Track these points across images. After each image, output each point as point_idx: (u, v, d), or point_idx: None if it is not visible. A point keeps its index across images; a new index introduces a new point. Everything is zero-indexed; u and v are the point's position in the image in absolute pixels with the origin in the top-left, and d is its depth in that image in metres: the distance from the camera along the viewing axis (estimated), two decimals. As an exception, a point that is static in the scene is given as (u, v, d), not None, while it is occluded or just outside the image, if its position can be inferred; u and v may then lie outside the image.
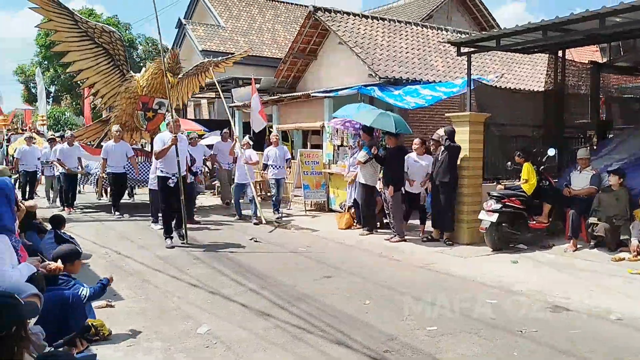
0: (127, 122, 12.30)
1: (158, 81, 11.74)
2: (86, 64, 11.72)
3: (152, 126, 12.52)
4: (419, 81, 12.61)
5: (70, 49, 11.46)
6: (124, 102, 12.09)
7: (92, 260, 7.22)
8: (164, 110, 12.37)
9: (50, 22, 11.06)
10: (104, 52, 11.79)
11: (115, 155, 11.37)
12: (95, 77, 11.95)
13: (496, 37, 8.59)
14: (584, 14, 6.96)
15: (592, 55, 15.40)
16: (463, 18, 22.71)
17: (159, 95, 12.07)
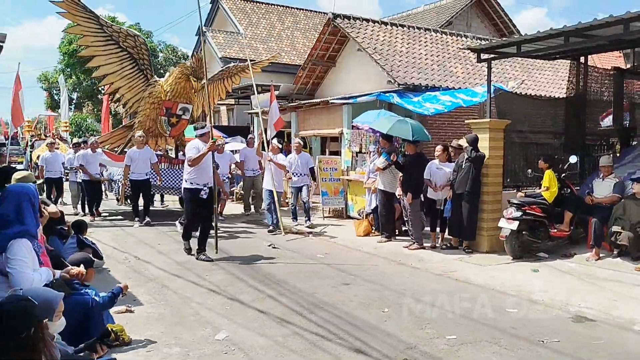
0: (150, 127, 12.07)
1: (182, 86, 11.65)
2: (111, 68, 11.55)
3: (176, 132, 12.36)
4: (438, 88, 12.55)
5: (96, 54, 11.33)
6: (148, 108, 11.88)
7: (112, 266, 7.28)
8: (187, 116, 12.21)
9: (77, 27, 10.93)
10: (129, 57, 11.66)
11: (138, 161, 11.11)
12: (120, 82, 11.76)
13: (517, 43, 8.52)
14: (608, 19, 6.87)
15: (616, 61, 15.18)
16: (483, 24, 22.59)
17: (183, 101, 11.93)
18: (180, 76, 11.58)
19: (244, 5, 24.86)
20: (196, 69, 11.15)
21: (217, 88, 13.32)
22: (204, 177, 7.76)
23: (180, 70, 11.76)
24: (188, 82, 11.65)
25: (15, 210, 3.72)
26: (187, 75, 11.55)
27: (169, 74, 12.13)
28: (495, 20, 22.65)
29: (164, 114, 11.88)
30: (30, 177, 5.27)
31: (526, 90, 13.68)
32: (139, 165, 11.09)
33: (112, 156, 12.36)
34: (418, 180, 8.74)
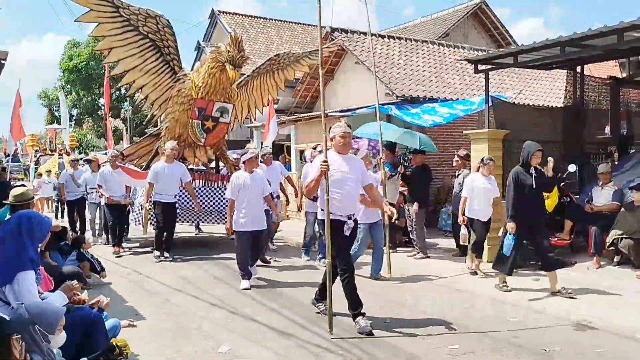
0: (182, 135, 9.66)
1: (217, 79, 9.25)
2: (131, 62, 9.22)
3: (213, 140, 9.95)
4: (436, 99, 12.63)
5: (114, 45, 9.01)
6: (177, 109, 9.50)
7: (114, 280, 7.30)
8: (227, 119, 9.86)
9: (91, 13, 8.55)
10: (151, 45, 9.29)
11: (166, 179, 8.72)
12: (143, 79, 9.42)
13: (513, 54, 8.60)
14: (602, 29, 6.95)
15: (611, 70, 15.28)
16: (479, 35, 22.75)
17: (220, 99, 9.58)
18: (214, 65, 9.15)
19: (242, 20, 25.07)
20: (233, 55, 8.80)
21: (265, 83, 10.92)
22: (349, 204, 5.31)
23: (213, 57, 9.19)
24: (224, 74, 9.07)
25: (18, 238, 3.71)
26: (222, 64, 9.00)
27: (200, 65, 9.80)
28: (491, 32, 22.82)
29: (196, 117, 9.54)
30: (28, 193, 5.26)
31: (524, 100, 13.75)
32: (166, 184, 8.76)
33: (131, 172, 9.89)
34: (424, 191, 8.83)
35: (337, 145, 5.31)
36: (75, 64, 38.58)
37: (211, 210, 9.84)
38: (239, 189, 6.88)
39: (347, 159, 5.34)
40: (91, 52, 38.31)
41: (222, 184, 9.83)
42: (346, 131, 5.39)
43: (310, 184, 5.17)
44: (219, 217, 9.84)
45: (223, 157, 10.47)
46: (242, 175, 6.93)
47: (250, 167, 6.95)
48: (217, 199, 9.82)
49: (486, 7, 22.33)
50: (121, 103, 41.97)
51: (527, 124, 9.82)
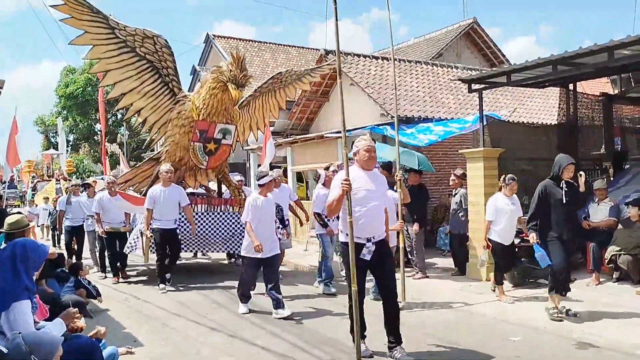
0: (182, 158, 9.37)
1: (218, 99, 9.03)
2: (128, 85, 8.96)
3: (215, 162, 9.67)
4: (431, 119, 12.71)
5: (110, 67, 8.75)
6: (177, 132, 9.23)
7: (112, 306, 7.25)
8: (230, 140, 9.57)
9: (85, 36, 8.30)
10: (149, 67, 9.06)
11: (164, 204, 8.34)
12: (141, 102, 9.13)
13: (506, 73, 8.69)
14: (593, 47, 7.04)
15: (604, 87, 15.43)
16: (472, 55, 22.99)
17: (222, 120, 9.33)
18: (216, 86, 8.94)
19: (237, 44, 25.30)
20: (236, 74, 8.61)
21: (267, 103, 10.69)
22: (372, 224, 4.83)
23: (214, 77, 8.95)
24: (226, 94, 8.92)
25: (12, 267, 3.68)
26: (224, 84, 8.80)
27: (200, 85, 9.57)
28: (484, 51, 23.07)
29: (197, 139, 9.25)
30: (23, 221, 5.20)
31: (518, 118, 13.85)
32: (164, 209, 8.35)
33: (130, 199, 9.62)
34: (421, 210, 8.86)
35: (361, 160, 4.91)
36: (72, 91, 38.78)
37: (214, 237, 9.28)
38: (256, 213, 6.58)
39: (372, 175, 4.94)
40: (87, 78, 38.54)
41: (225, 208, 9.45)
42: (371, 145, 4.94)
43: (332, 204, 4.75)
44: (223, 244, 9.45)
45: (226, 180, 10.08)
46: (259, 199, 6.67)
47: (267, 191, 6.73)
48: (221, 225, 9.33)
49: (478, 27, 22.60)
50: (118, 128, 42.13)
51: (522, 142, 9.89)
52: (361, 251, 4.70)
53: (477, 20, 22.46)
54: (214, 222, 9.32)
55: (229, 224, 9.39)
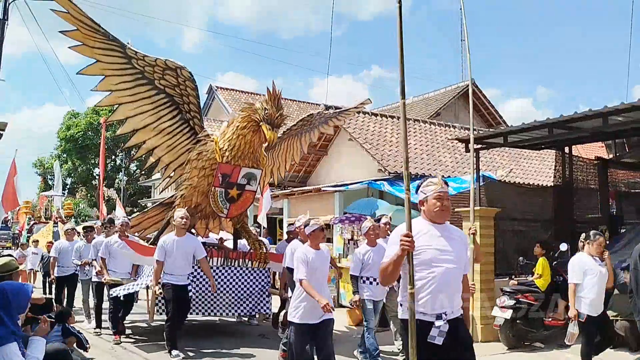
0: (199, 204, 8.37)
1: (247, 140, 8.07)
2: (142, 120, 8.05)
3: (237, 211, 8.62)
4: (428, 176, 12.81)
5: (122, 100, 7.89)
6: (196, 175, 8.22)
7: (97, 355, 7.06)
8: (254, 187, 8.61)
9: (97, 65, 7.51)
10: (168, 101, 8.16)
11: (177, 256, 7.10)
12: (155, 140, 8.24)
13: (503, 134, 8.84)
14: (587, 113, 7.20)
15: (599, 151, 15.65)
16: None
17: (248, 163, 8.29)
18: (245, 125, 8.00)
19: (238, 96, 25.80)
20: (271, 113, 7.72)
21: (291, 146, 9.83)
22: (442, 295, 3.46)
23: (245, 116, 8.01)
24: (257, 135, 8.04)
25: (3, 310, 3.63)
26: (255, 124, 7.90)
27: (227, 124, 8.52)
28: (481, 111, 23.52)
29: (219, 184, 8.22)
30: (11, 264, 5.09)
31: (514, 179, 13.98)
32: (177, 262, 7.11)
33: (137, 247, 8.32)
34: None
35: (429, 211, 3.61)
36: (73, 134, 39.18)
37: (230, 297, 8.11)
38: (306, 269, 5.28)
39: (444, 230, 3.60)
40: (89, 122, 39.00)
41: (244, 262, 8.41)
42: (443, 191, 3.67)
43: (387, 268, 3.44)
44: (239, 306, 8.23)
45: (245, 230, 9.03)
46: (308, 252, 5.36)
47: (316, 242, 5.42)
48: (239, 283, 8.18)
49: (476, 88, 23.13)
50: (116, 173, 42.28)
51: (518, 203, 9.94)
52: (428, 332, 3.38)
53: (474, 81, 23.00)
54: (230, 279, 8.15)
55: (248, 282, 8.31)
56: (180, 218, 7.19)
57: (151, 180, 38.86)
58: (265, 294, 8.45)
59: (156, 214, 9.52)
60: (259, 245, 8.72)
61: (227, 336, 8.61)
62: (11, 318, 3.66)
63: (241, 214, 8.81)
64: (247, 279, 8.34)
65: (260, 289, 8.41)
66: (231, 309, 8.24)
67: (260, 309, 8.54)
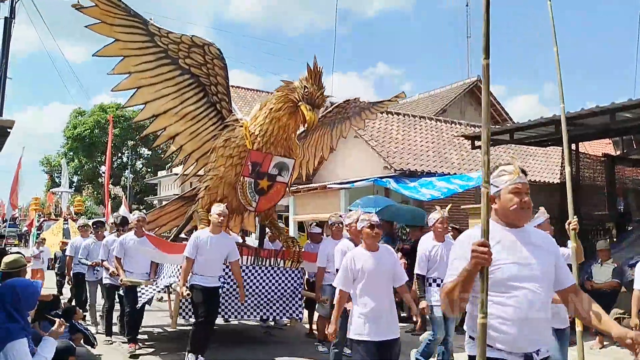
0: (226, 197, 7.44)
1: (281, 124, 7.25)
2: (164, 104, 7.27)
3: (266, 204, 7.75)
4: (434, 173, 12.79)
5: (142, 83, 7.09)
6: (222, 164, 7.37)
7: (105, 352, 7.09)
8: (286, 178, 7.71)
9: (115, 45, 6.75)
10: (193, 83, 7.38)
11: (210, 255, 6.25)
12: (178, 126, 7.44)
13: (510, 131, 8.81)
14: (595, 109, 7.16)
15: (605, 148, 15.58)
16: (476, 112, 23.33)
17: (280, 151, 7.48)
18: (281, 107, 7.16)
19: (244, 93, 25.80)
20: (312, 92, 6.89)
21: (322, 138, 8.94)
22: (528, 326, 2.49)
23: (281, 96, 7.18)
24: (293, 118, 7.23)
25: (13, 307, 3.66)
26: (293, 105, 7.07)
27: (259, 107, 7.70)
28: (488, 109, 23.41)
29: (249, 174, 7.39)
30: (19, 260, 5.19)
31: (521, 176, 13.92)
32: (210, 262, 6.27)
33: (161, 244, 7.58)
34: None
35: (504, 208, 2.69)
36: (79, 132, 39.36)
37: (260, 299, 7.31)
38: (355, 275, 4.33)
39: (525, 237, 2.66)
40: (95, 121, 39.15)
41: (275, 262, 7.53)
42: (521, 181, 2.82)
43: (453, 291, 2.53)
44: (269, 309, 7.46)
45: (274, 226, 8.22)
46: (361, 254, 4.41)
47: (372, 243, 4.44)
48: (270, 284, 7.37)
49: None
50: (122, 171, 42.43)
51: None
52: None
53: (480, 78, 22.91)
54: (260, 279, 7.30)
55: (279, 283, 7.47)
56: (217, 214, 6.28)
57: (157, 178, 39.05)
58: (297, 297, 7.56)
59: (175, 209, 8.77)
60: (292, 242, 7.88)
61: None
62: (21, 314, 3.69)
63: (270, 209, 7.97)
64: (278, 279, 7.48)
65: (292, 291, 7.51)
66: (259, 312, 7.44)
67: (292, 313, 7.63)
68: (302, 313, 7.76)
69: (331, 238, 7.14)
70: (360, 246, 4.53)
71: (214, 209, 6.42)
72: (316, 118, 7.00)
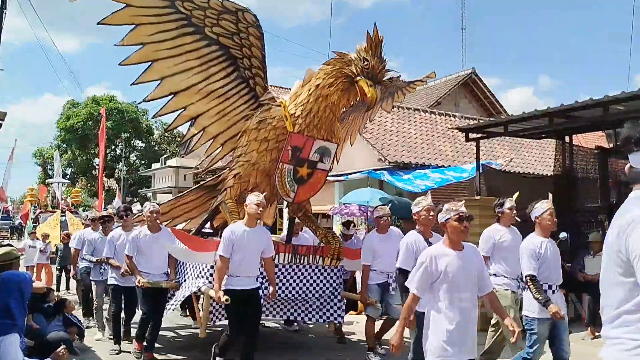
0: (257, 186, 6.47)
1: (329, 103, 6.28)
2: (184, 80, 6.34)
3: (306, 195, 6.82)
4: (428, 166, 12.81)
5: (159, 55, 6.12)
6: (254, 149, 6.47)
7: (98, 345, 7.08)
8: (327, 165, 6.77)
9: (125, 12, 5.81)
10: (221, 55, 6.43)
11: (247, 251, 5.33)
12: (201, 105, 6.53)
13: (503, 123, 8.81)
14: (588, 102, 7.17)
15: (599, 141, 15.62)
16: (470, 104, 23.35)
17: (323, 135, 6.52)
18: (333, 82, 6.16)
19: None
20: (373, 65, 5.92)
21: (355, 120, 8.18)
22: None
23: (333, 70, 6.17)
24: (345, 96, 6.30)
25: (4, 302, 3.65)
26: (348, 80, 6.12)
27: (301, 83, 6.60)
28: (482, 101, 23.45)
29: (289, 160, 6.46)
30: (12, 253, 5.10)
31: (514, 168, 13.96)
32: (246, 260, 5.33)
33: (185, 238, 6.49)
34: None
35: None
36: (73, 124, 39.13)
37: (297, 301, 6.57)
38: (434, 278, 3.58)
39: None
40: (89, 112, 38.93)
41: (314, 260, 6.59)
42: None
43: None
44: (310, 312, 6.71)
45: (308, 220, 7.23)
46: (443, 252, 3.63)
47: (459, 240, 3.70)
48: (308, 284, 6.53)
49: (476, 77, 23.03)
50: (116, 163, 42.27)
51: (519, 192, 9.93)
52: None
53: (475, 70, 22.91)
54: (297, 279, 6.43)
55: (318, 284, 6.58)
56: (255, 205, 5.31)
57: (151, 170, 38.89)
58: (336, 299, 6.73)
59: (192, 200, 7.62)
60: (333, 238, 6.86)
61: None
62: (19, 307, 3.69)
63: (305, 200, 6.99)
64: (316, 279, 6.58)
65: (332, 291, 6.67)
66: (292, 313, 6.76)
67: (330, 316, 6.79)
68: (342, 316, 6.86)
69: (376, 232, 6.43)
70: (442, 243, 3.76)
71: (251, 198, 5.41)
72: (378, 95, 6.08)
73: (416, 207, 5.08)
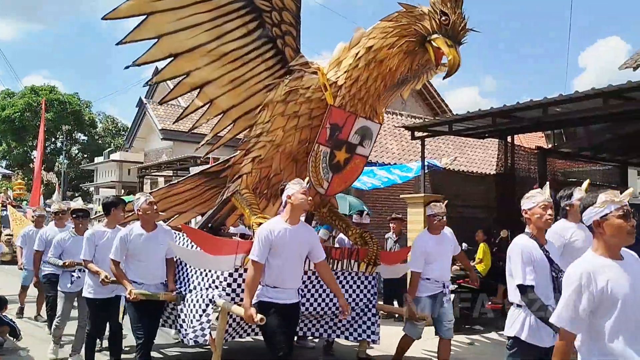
0: (279, 173, 5.50)
1: (383, 70, 5.07)
2: (190, 39, 5.00)
3: (340, 185, 5.64)
4: (374, 163, 12.93)
5: (156, 8, 4.72)
6: (280, 126, 5.27)
7: (33, 345, 6.77)
8: (367, 149, 5.64)
9: None
10: (242, 7, 5.05)
11: (290, 255, 4.19)
12: (210, 71, 5.24)
13: (448, 123, 8.98)
14: (528, 103, 7.40)
15: (539, 141, 16.21)
16: (417, 104, 23.77)
17: (368, 112, 5.40)
18: (395, 42, 4.93)
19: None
20: (455, 21, 4.77)
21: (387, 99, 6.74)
22: None
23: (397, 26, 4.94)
24: (408, 60, 5.09)
25: None
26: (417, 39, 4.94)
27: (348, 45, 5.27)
28: (428, 100, 23.94)
29: (325, 141, 5.24)
30: None
31: (459, 167, 14.29)
32: (287, 266, 4.18)
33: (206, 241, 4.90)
34: None
35: None
36: (8, 114, 37.40)
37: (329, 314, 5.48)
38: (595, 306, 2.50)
39: None
40: (27, 103, 37.31)
41: (348, 265, 5.48)
42: None
43: None
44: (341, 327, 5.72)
45: (336, 215, 5.98)
46: (603, 265, 2.53)
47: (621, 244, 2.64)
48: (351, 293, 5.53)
49: (423, 77, 23.46)
50: (56, 156, 40.70)
51: (462, 190, 10.18)
52: None
53: (422, 70, 23.30)
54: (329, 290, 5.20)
55: (352, 293, 5.57)
56: (302, 194, 4.17)
57: (94, 164, 37.64)
58: (370, 312, 5.69)
59: (190, 189, 6.29)
60: (370, 238, 5.69)
61: None
62: None
63: (340, 191, 5.89)
64: (349, 289, 5.54)
65: (366, 304, 5.66)
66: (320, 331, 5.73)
67: (363, 333, 5.68)
68: (377, 333, 5.69)
69: (428, 232, 5.47)
70: (592, 250, 2.63)
71: (293, 187, 4.20)
72: (459, 59, 4.81)
73: (528, 202, 3.86)
